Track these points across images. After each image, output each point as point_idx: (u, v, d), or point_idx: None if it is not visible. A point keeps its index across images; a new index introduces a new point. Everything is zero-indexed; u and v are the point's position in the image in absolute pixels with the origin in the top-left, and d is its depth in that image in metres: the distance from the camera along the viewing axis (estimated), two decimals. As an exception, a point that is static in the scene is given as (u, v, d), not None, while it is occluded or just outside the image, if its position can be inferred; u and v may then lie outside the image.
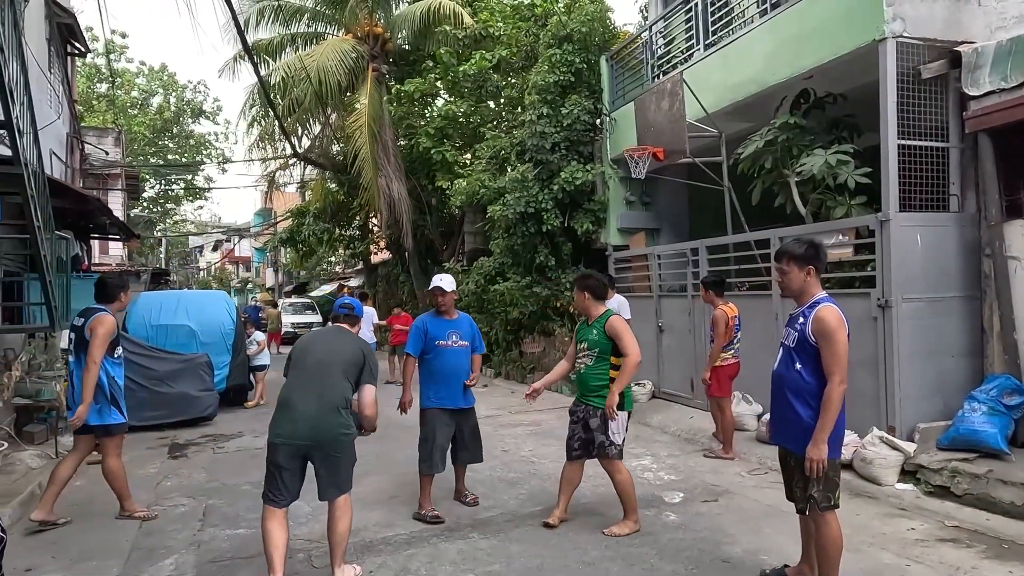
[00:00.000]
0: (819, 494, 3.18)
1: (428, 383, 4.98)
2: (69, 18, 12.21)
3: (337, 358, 3.72)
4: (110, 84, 24.92)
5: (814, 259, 3.25)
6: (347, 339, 3.91)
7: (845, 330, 3.13)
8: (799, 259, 3.27)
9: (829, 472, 3.17)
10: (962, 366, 5.74)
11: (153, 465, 6.55)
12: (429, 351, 4.95)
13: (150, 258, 33.24)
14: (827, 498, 3.19)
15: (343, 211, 19.03)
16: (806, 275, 3.26)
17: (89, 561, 4.12)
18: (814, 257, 3.25)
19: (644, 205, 10.49)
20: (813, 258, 3.25)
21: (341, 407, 3.61)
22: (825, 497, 3.19)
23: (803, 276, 3.27)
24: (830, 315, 3.12)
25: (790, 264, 3.29)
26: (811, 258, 3.25)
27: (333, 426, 3.56)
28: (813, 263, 3.25)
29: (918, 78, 5.72)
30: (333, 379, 3.64)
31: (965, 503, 4.72)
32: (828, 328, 3.10)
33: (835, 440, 3.17)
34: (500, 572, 3.83)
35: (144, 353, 8.48)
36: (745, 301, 7.00)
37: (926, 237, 5.69)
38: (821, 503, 3.19)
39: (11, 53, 4.96)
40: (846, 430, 3.51)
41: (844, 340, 3.10)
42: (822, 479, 3.16)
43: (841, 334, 3.10)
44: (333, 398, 3.59)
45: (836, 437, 3.17)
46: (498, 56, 12.99)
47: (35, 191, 5.70)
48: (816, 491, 3.19)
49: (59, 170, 11.34)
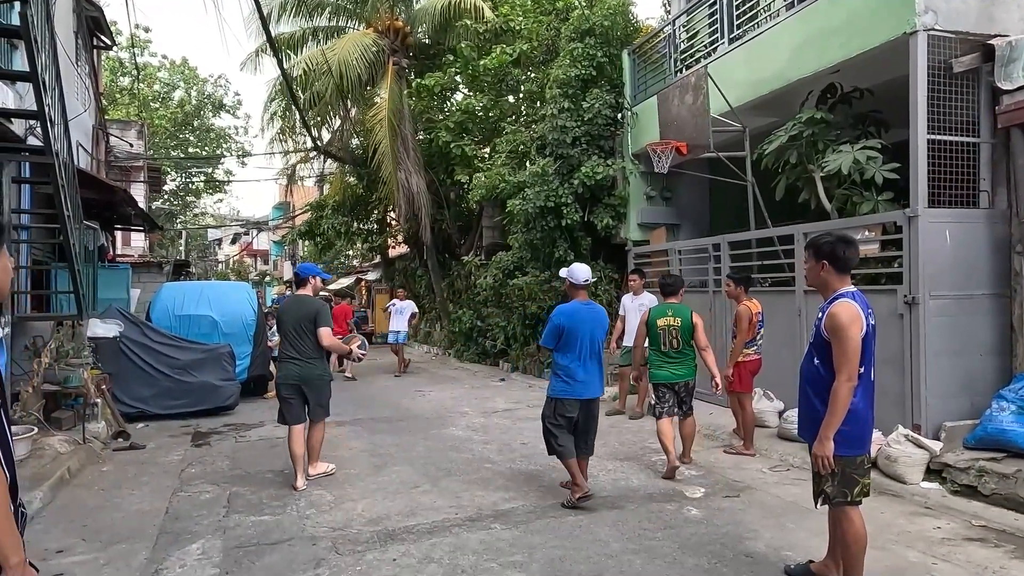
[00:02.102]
0: (832, 489, 3.16)
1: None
2: (96, 11, 12.37)
3: (304, 320, 5.29)
4: (134, 78, 25.19)
5: (828, 255, 3.20)
6: (305, 303, 5.39)
7: (858, 327, 3.05)
8: (815, 253, 3.26)
9: (846, 468, 3.12)
10: (990, 365, 5.65)
11: (177, 453, 6.64)
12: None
13: (171, 250, 33.64)
14: (842, 494, 3.15)
15: (361, 205, 19.12)
16: (820, 269, 3.23)
17: (118, 544, 4.20)
18: (828, 253, 3.20)
19: (665, 200, 10.44)
20: (828, 254, 3.20)
21: (313, 356, 5.32)
22: (840, 493, 3.14)
23: (818, 270, 3.25)
24: (841, 311, 3.07)
25: (808, 256, 3.34)
26: (825, 254, 3.21)
27: (313, 372, 5.34)
28: (826, 259, 3.21)
29: (949, 72, 5.63)
30: (303, 336, 5.29)
31: (992, 503, 4.65)
32: (837, 324, 3.06)
33: (855, 437, 3.12)
34: (522, 563, 3.84)
35: (168, 342, 8.60)
36: (768, 297, 6.95)
37: (955, 233, 5.60)
38: (834, 498, 3.16)
39: (43, 45, 5.05)
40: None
41: (854, 337, 3.03)
42: (836, 475, 3.12)
43: (851, 331, 3.03)
44: (307, 350, 5.30)
45: (856, 434, 3.12)
46: (518, 50, 12.96)
47: (65, 181, 5.80)
48: (829, 486, 3.16)
49: (85, 161, 11.50)
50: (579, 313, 4.85)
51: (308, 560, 3.90)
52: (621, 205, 10.46)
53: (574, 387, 4.78)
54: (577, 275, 4.94)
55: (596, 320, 4.89)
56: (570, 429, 4.83)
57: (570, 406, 4.79)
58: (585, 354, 4.80)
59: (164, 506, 4.94)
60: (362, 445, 6.85)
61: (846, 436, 3.09)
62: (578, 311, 4.86)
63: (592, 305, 4.99)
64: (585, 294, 5.00)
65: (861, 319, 3.07)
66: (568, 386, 4.79)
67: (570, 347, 4.80)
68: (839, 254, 3.19)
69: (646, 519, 4.50)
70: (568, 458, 4.77)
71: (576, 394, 4.79)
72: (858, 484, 3.15)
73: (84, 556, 4.02)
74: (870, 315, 3.15)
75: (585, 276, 4.94)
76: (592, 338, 4.83)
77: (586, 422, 4.90)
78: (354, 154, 18.01)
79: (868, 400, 3.17)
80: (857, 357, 3.03)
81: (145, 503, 5.02)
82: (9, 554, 1.67)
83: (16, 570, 1.68)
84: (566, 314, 4.85)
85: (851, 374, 3.03)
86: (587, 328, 4.81)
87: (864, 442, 3.19)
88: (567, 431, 4.82)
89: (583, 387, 4.79)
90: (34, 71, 4.77)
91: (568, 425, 4.82)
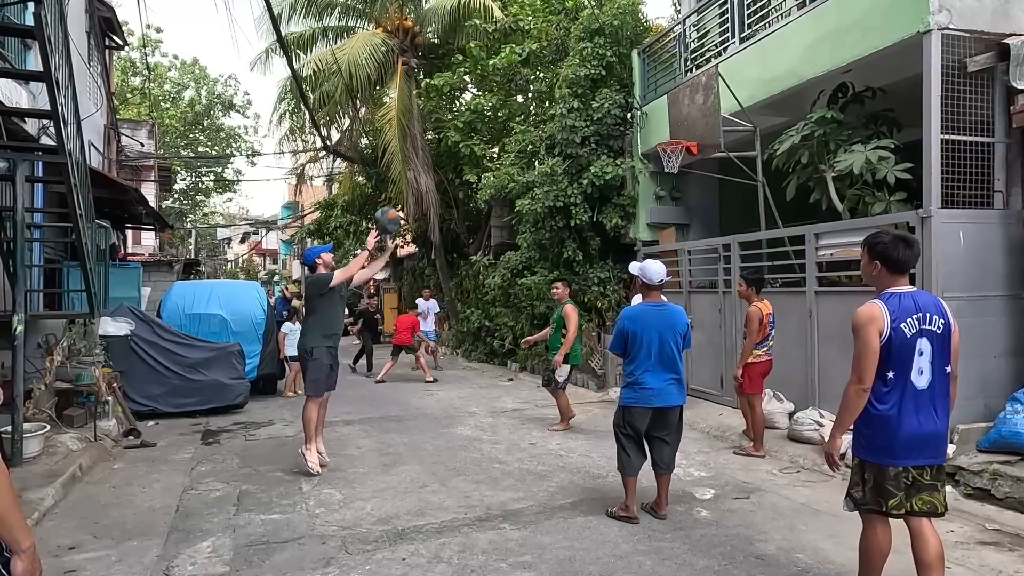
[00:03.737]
0: (860, 494, 3.06)
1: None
2: (108, 12, 12.45)
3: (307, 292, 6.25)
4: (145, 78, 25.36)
5: (881, 255, 3.02)
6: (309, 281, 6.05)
7: (875, 329, 2.89)
8: (870, 251, 3.08)
9: (876, 476, 2.98)
10: (1004, 367, 5.60)
11: (187, 451, 6.67)
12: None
13: (180, 249, 33.83)
14: (876, 502, 3.00)
15: (370, 204, 19.15)
16: (873, 269, 3.06)
17: (130, 541, 4.22)
18: (882, 253, 3.02)
19: (674, 200, 10.40)
20: (880, 254, 3.02)
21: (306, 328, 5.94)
22: (874, 500, 3.00)
23: (870, 269, 3.08)
24: (859, 312, 2.97)
25: (863, 254, 3.14)
26: (878, 253, 3.03)
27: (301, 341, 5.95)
28: (879, 258, 3.03)
29: (963, 71, 5.58)
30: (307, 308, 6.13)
31: (1007, 506, 4.61)
32: (853, 324, 2.97)
33: (879, 445, 2.96)
34: (532, 563, 3.83)
35: (178, 340, 8.64)
36: (778, 298, 6.90)
37: (969, 234, 5.55)
38: (862, 504, 3.06)
39: (57, 45, 5.08)
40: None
41: (867, 339, 2.90)
42: (865, 481, 3.02)
43: (864, 332, 2.91)
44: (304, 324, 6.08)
45: (881, 442, 2.95)
46: (528, 50, 12.95)
47: (78, 180, 5.83)
48: (857, 491, 3.07)
49: (97, 161, 11.58)
50: (646, 316, 4.53)
51: (318, 559, 3.91)
52: (630, 205, 10.43)
53: (642, 395, 4.45)
54: (650, 274, 4.55)
55: (667, 322, 4.49)
56: (639, 441, 4.51)
57: (639, 415, 4.47)
58: (655, 359, 4.43)
59: (175, 503, 4.96)
60: (371, 444, 6.86)
61: (869, 440, 2.99)
62: (645, 313, 4.55)
63: (665, 306, 4.60)
64: (658, 294, 4.64)
65: (881, 321, 2.90)
66: (636, 394, 4.48)
67: (636, 352, 4.49)
68: (892, 254, 3.00)
69: (656, 520, 4.48)
70: (628, 475, 4.50)
71: (645, 402, 4.45)
72: (894, 497, 2.95)
73: (96, 553, 4.04)
74: (920, 319, 2.92)
75: (659, 275, 4.54)
76: (663, 342, 4.44)
77: (660, 433, 4.52)
78: (363, 153, 18.05)
79: (906, 409, 2.92)
80: (867, 359, 2.90)
81: (156, 500, 5.05)
82: (20, 537, 1.69)
83: (28, 553, 1.70)
84: (630, 317, 4.58)
85: (860, 376, 2.92)
86: (655, 331, 4.45)
87: (893, 452, 2.94)
88: (635, 443, 4.51)
89: (653, 395, 4.43)
90: (48, 71, 4.80)
91: (637, 436, 4.49)
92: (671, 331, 4.47)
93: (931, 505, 3.00)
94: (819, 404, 6.53)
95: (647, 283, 4.58)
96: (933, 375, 2.95)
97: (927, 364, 2.94)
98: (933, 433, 2.95)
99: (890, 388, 2.93)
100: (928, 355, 2.94)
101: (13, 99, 6.54)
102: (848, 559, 3.80)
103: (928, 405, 2.94)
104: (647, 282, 4.57)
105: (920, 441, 2.93)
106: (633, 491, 4.51)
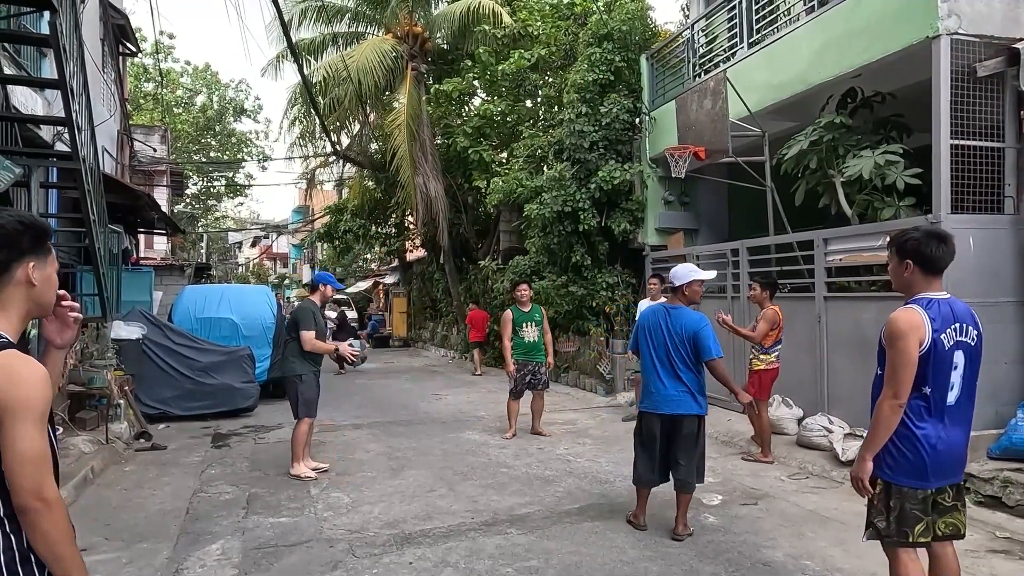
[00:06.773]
0: (884, 525, 2.72)
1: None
2: (122, 19, 12.61)
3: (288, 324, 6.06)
4: (158, 84, 25.62)
5: (913, 253, 2.69)
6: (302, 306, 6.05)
7: (915, 339, 2.58)
8: (898, 250, 2.75)
9: (905, 503, 2.66)
10: (1015, 373, 5.55)
11: (197, 454, 6.73)
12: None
13: (192, 253, 34.09)
14: (901, 533, 2.67)
15: (380, 209, 19.29)
16: (904, 270, 2.72)
17: (140, 543, 4.26)
18: (913, 251, 2.69)
19: (682, 205, 10.39)
20: (912, 252, 2.69)
21: (291, 356, 5.81)
22: (899, 532, 2.68)
23: (901, 271, 2.74)
24: (897, 318, 2.64)
25: (891, 255, 2.82)
26: (909, 251, 2.70)
27: (287, 369, 5.86)
28: (911, 257, 2.69)
29: (973, 76, 5.55)
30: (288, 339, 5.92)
31: (1017, 514, 4.57)
32: (889, 332, 2.65)
33: (915, 467, 2.64)
34: (538, 568, 3.84)
35: (189, 344, 8.72)
36: (787, 303, 6.87)
37: (979, 240, 5.52)
38: (887, 536, 2.72)
39: (72, 53, 5.15)
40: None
41: (907, 350, 2.58)
42: (890, 509, 2.69)
43: (902, 343, 2.58)
44: (287, 352, 5.91)
45: (917, 464, 2.64)
46: (536, 55, 12.99)
47: (91, 186, 5.90)
48: (880, 520, 2.73)
49: (110, 166, 11.71)
50: (654, 315, 4.37)
51: (325, 562, 3.94)
52: (639, 210, 10.43)
53: (650, 399, 4.33)
54: (674, 276, 4.39)
55: (673, 324, 4.27)
56: (653, 450, 4.34)
57: (649, 421, 4.33)
58: (660, 362, 4.28)
59: (185, 506, 5.01)
60: (380, 448, 6.89)
61: (899, 461, 2.66)
62: (654, 312, 4.40)
63: (679, 309, 4.33)
64: (677, 298, 4.41)
65: (923, 330, 2.59)
66: (646, 398, 4.38)
67: (642, 353, 4.39)
68: (926, 252, 2.67)
69: (663, 526, 4.47)
70: (639, 486, 4.44)
71: (654, 407, 4.30)
72: (920, 522, 2.66)
73: (107, 555, 4.08)
74: (957, 329, 2.65)
75: (682, 277, 4.33)
76: (668, 345, 4.25)
77: (671, 442, 4.30)
78: (373, 158, 18.15)
79: (940, 427, 2.65)
80: (906, 372, 2.59)
81: (166, 503, 5.09)
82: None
83: None
84: (641, 315, 4.48)
85: (897, 391, 2.60)
86: (659, 333, 4.29)
87: (926, 475, 2.64)
88: (647, 454, 4.36)
89: (661, 400, 4.26)
90: (62, 78, 4.87)
91: (649, 443, 4.33)
92: (675, 334, 4.27)
93: (954, 528, 2.76)
94: (828, 410, 6.50)
95: (671, 286, 4.43)
96: (962, 390, 2.69)
97: (959, 378, 2.67)
98: (961, 453, 2.73)
99: (927, 404, 2.65)
100: (961, 369, 2.68)
101: (29, 106, 6.64)
102: (856, 567, 3.79)
103: (957, 422, 2.70)
104: (672, 284, 4.42)
105: (951, 462, 2.69)
106: (643, 503, 4.46)
